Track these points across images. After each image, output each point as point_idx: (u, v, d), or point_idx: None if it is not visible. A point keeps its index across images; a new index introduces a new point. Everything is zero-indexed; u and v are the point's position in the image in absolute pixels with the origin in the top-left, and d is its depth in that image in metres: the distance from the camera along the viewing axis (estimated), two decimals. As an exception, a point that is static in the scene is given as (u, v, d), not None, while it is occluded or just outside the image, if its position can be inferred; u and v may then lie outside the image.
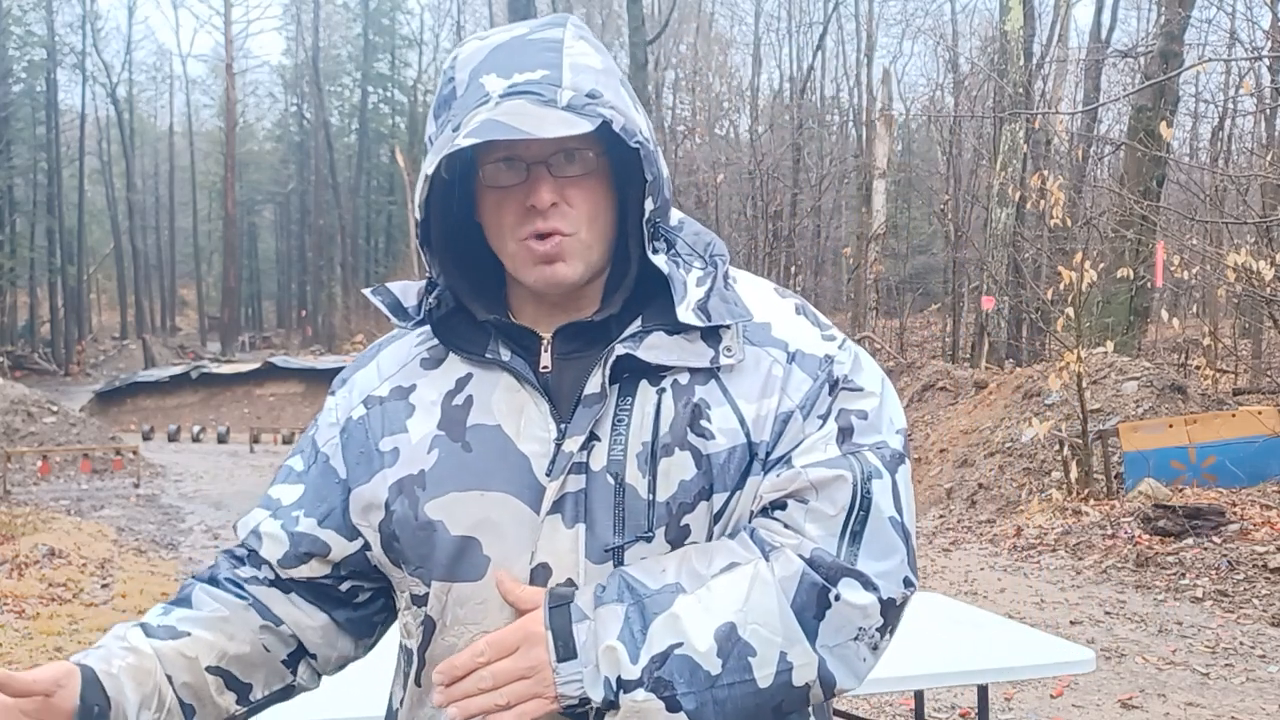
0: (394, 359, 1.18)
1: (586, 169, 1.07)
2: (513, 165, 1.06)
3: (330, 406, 1.20)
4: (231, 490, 13.83)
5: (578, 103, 1.03)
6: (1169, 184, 15.48)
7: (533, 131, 0.99)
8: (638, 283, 1.12)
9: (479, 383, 1.11)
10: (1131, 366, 11.58)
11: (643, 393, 1.06)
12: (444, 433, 1.10)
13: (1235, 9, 16.13)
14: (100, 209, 52.29)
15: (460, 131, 1.01)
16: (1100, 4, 23.76)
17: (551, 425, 1.07)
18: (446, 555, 1.07)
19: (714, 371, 1.07)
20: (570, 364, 1.10)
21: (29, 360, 37.51)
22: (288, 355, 33.00)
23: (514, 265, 1.09)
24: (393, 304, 1.16)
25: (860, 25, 33.75)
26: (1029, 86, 19.69)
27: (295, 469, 1.20)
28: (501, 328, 1.12)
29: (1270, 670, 5.26)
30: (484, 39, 1.10)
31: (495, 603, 1.05)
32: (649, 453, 1.05)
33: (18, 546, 7.98)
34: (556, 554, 1.04)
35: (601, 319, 1.10)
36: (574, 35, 1.09)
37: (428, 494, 1.08)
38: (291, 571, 1.15)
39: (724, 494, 1.05)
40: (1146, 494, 8.45)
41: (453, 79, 1.09)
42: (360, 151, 52.31)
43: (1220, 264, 9.83)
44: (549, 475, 1.05)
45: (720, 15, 40.42)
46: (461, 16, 50.22)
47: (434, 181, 1.05)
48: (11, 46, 42.50)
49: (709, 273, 1.10)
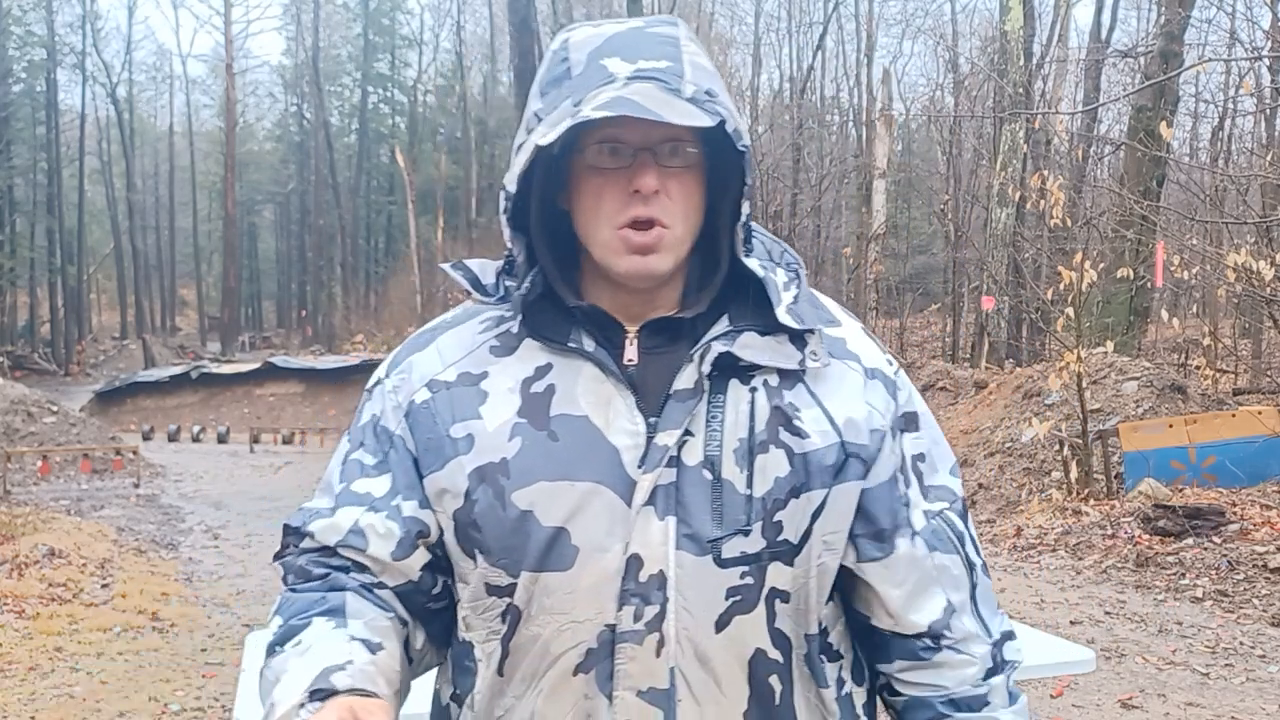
0: (456, 344, 1.17)
1: (688, 163, 1.08)
2: (618, 150, 1.07)
3: (388, 390, 1.17)
4: (231, 490, 13.82)
5: (700, 97, 1.04)
6: (1169, 184, 15.47)
7: (664, 115, 1.00)
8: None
9: (561, 372, 1.11)
10: (1131, 366, 11.58)
11: (734, 390, 1.09)
12: (526, 420, 1.09)
13: (1235, 9, 16.14)
14: (100, 209, 52.27)
15: (585, 106, 1.02)
16: (1100, 4, 23.76)
17: (638, 418, 1.07)
18: (538, 546, 1.06)
19: (800, 375, 1.11)
20: (654, 358, 1.11)
21: (29, 360, 37.50)
22: (288, 355, 33.00)
23: (604, 253, 1.09)
24: (472, 279, 1.17)
25: (860, 25, 33.75)
26: (1029, 86, 19.69)
27: (367, 462, 1.15)
28: (590, 316, 1.12)
29: (1270, 670, 5.26)
30: (596, 26, 1.11)
31: (584, 593, 1.05)
32: (746, 449, 1.07)
33: (18, 546, 7.98)
34: (649, 545, 1.05)
35: (692, 317, 1.12)
36: (687, 36, 1.11)
37: (513, 483, 1.07)
38: (403, 564, 1.12)
39: (822, 491, 1.08)
40: (1146, 494, 8.45)
41: (566, 59, 1.09)
42: (360, 151, 52.29)
43: (1220, 264, 9.83)
44: (641, 468, 1.05)
45: (720, 15, 40.42)
46: (461, 17, 50.25)
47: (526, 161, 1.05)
48: (11, 46, 42.48)
49: (794, 278, 1.13)
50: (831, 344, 1.14)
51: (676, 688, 1.06)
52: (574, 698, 1.07)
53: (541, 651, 1.07)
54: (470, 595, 1.11)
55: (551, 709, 1.07)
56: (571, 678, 1.07)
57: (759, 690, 1.09)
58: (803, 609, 1.10)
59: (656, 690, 1.06)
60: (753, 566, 1.06)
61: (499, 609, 1.09)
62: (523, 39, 13.63)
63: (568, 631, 1.06)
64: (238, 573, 8.14)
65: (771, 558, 1.07)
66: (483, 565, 1.09)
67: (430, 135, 51.06)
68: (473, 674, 1.13)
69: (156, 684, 5.24)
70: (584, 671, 1.06)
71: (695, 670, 1.06)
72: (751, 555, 1.06)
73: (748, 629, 1.07)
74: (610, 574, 1.05)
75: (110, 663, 5.60)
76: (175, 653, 5.82)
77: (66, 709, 4.87)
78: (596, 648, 1.06)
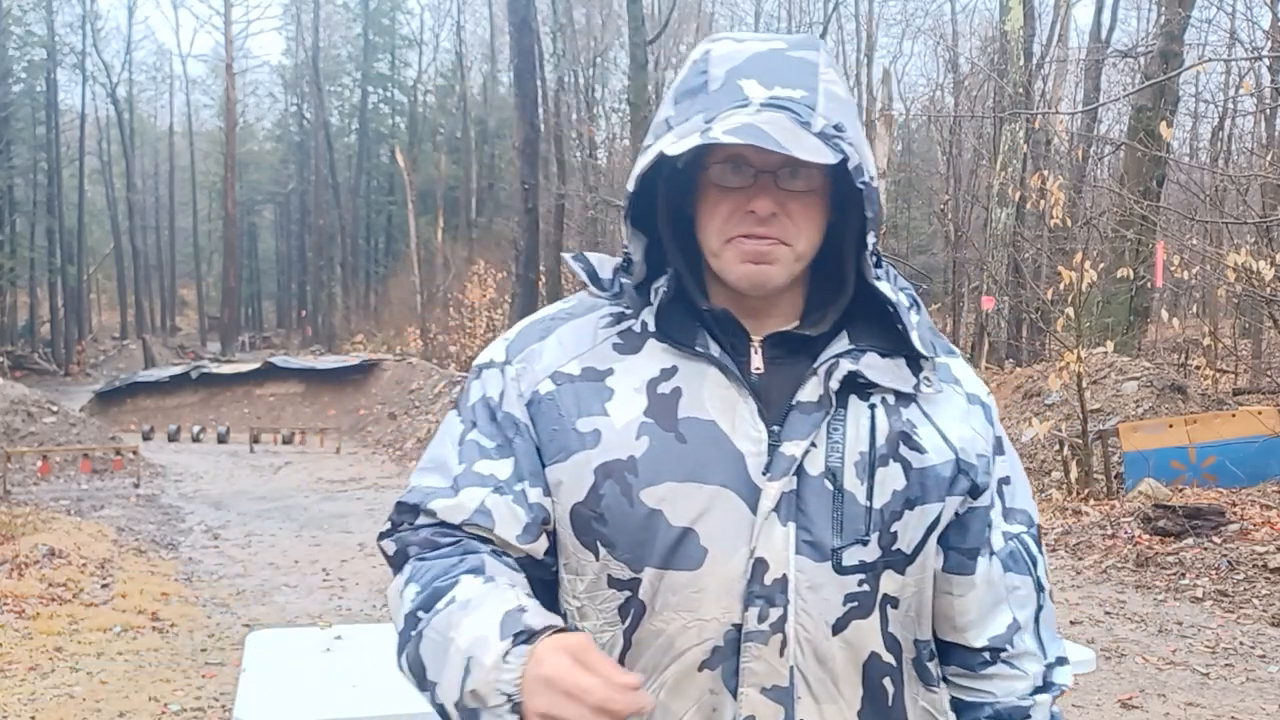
0: (578, 337, 1.19)
1: (810, 186, 1.11)
2: (740, 169, 1.10)
3: (510, 376, 1.18)
4: (231, 490, 13.82)
5: (828, 132, 1.08)
6: (1169, 184, 15.47)
7: (790, 148, 1.03)
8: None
9: (687, 374, 1.14)
10: (1131, 366, 11.59)
11: (854, 406, 1.14)
12: (652, 420, 1.12)
13: (1235, 9, 16.14)
14: (100, 209, 52.26)
15: (716, 126, 1.06)
16: (1100, 4, 23.75)
17: (761, 426, 1.11)
18: (666, 544, 1.09)
19: (913, 397, 1.16)
20: (777, 368, 1.15)
21: (29, 360, 37.49)
22: (288, 355, 32.94)
23: (720, 262, 1.13)
24: (590, 273, 1.21)
25: (860, 25, 33.76)
26: (1029, 86, 19.68)
27: (486, 444, 1.16)
28: (720, 320, 1.15)
29: (1270, 670, 5.26)
30: (740, 41, 1.14)
31: (712, 591, 1.09)
32: (867, 462, 1.12)
33: (18, 546, 7.98)
34: (773, 550, 1.09)
35: (816, 334, 1.16)
36: (826, 62, 1.14)
37: (641, 481, 1.10)
38: (528, 546, 1.14)
39: (938, 505, 1.15)
40: (1146, 494, 8.45)
41: (705, 72, 1.12)
42: (360, 151, 52.28)
43: (1220, 264, 9.83)
44: (765, 474, 1.09)
45: (720, 15, 40.41)
46: (461, 16, 50.24)
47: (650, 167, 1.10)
48: (11, 46, 42.46)
49: (913, 304, 1.19)
50: (940, 370, 1.20)
51: (796, 686, 1.10)
52: (698, 692, 1.10)
53: (665, 646, 1.10)
54: (588, 586, 1.14)
55: (675, 701, 1.10)
56: (696, 673, 1.10)
57: (873, 691, 1.13)
58: (913, 615, 1.17)
59: (779, 688, 1.10)
60: (869, 574, 1.11)
61: (619, 601, 1.12)
62: (523, 39, 13.63)
63: (694, 629, 1.09)
64: (238, 573, 8.14)
65: (885, 566, 1.12)
66: (605, 558, 1.12)
67: (430, 135, 51.04)
68: None
69: (156, 684, 5.24)
70: (709, 668, 1.10)
71: (814, 670, 1.10)
72: (869, 564, 1.11)
73: (864, 633, 1.12)
74: (736, 576, 1.09)
75: (110, 663, 5.60)
76: (175, 653, 5.82)
77: (66, 709, 4.87)
78: (723, 646, 1.09)
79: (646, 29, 19.35)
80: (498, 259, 26.90)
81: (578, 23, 34.26)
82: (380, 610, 6.97)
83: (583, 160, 31.30)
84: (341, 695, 2.59)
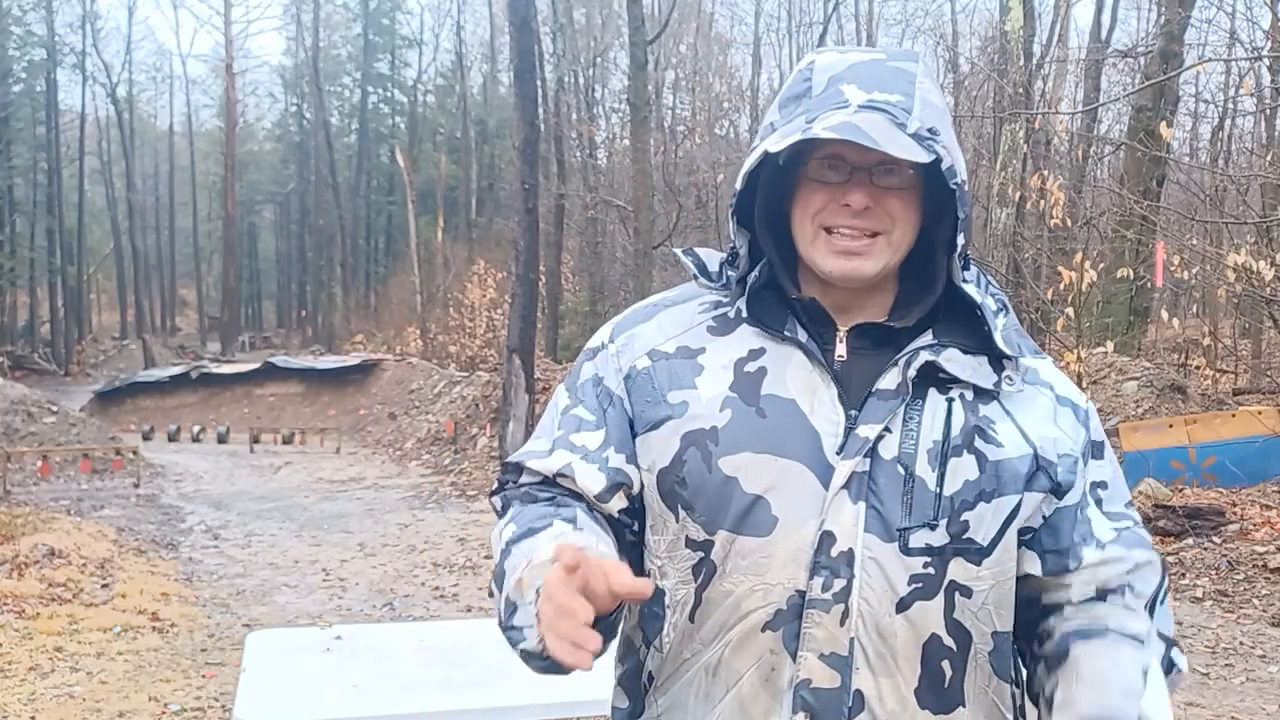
0: (676, 320, 1.28)
1: (903, 184, 1.18)
2: (838, 166, 1.18)
3: (611, 354, 1.29)
4: (231, 490, 13.82)
5: (922, 134, 1.14)
6: (1169, 184, 15.46)
7: (885, 146, 1.10)
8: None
9: (773, 356, 1.21)
10: (1131, 366, 11.59)
11: (932, 398, 1.19)
12: (736, 395, 1.19)
13: (1235, 9, 16.12)
14: (100, 209, 52.25)
15: (817, 124, 1.13)
16: (1100, 4, 23.74)
17: (840, 409, 1.17)
18: (738, 510, 1.16)
19: (995, 394, 1.20)
20: (860, 358, 1.21)
21: (29, 360, 37.48)
22: (288, 355, 32.94)
23: (813, 253, 1.20)
24: (700, 266, 1.29)
25: (860, 25, 33.75)
26: (1029, 86, 19.66)
27: (585, 417, 1.27)
28: (808, 308, 1.23)
29: (1270, 670, 5.26)
30: (843, 53, 1.23)
31: (779, 558, 1.15)
32: (939, 451, 1.16)
33: (18, 546, 7.97)
34: (841, 525, 1.14)
35: (900, 327, 1.22)
36: (923, 73, 1.21)
37: (721, 449, 1.17)
38: (605, 505, 1.23)
39: (1014, 497, 1.17)
40: (1147, 494, 8.45)
41: (809, 79, 1.21)
42: (360, 151, 52.27)
43: (1220, 264, 9.82)
44: (839, 454, 1.15)
45: (720, 15, 40.42)
46: (461, 16, 50.22)
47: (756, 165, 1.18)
48: (11, 46, 42.47)
49: (1002, 308, 1.23)
50: (1026, 372, 1.24)
51: (854, 656, 1.14)
52: (760, 651, 1.16)
53: (733, 606, 1.16)
54: (668, 546, 1.22)
55: (738, 659, 1.17)
56: (760, 634, 1.15)
57: (930, 670, 1.16)
58: (990, 608, 1.18)
59: (838, 655, 1.14)
60: (935, 559, 1.15)
61: (693, 560, 1.19)
62: (523, 39, 13.61)
63: (759, 591, 1.15)
64: (238, 573, 8.14)
65: (955, 553, 1.16)
66: (684, 520, 1.19)
67: (430, 135, 51.02)
68: (661, 619, 1.22)
69: (156, 684, 5.24)
70: (772, 629, 1.15)
71: (874, 643, 1.14)
72: (936, 548, 1.15)
73: (927, 614, 1.15)
74: (805, 545, 1.14)
75: (110, 663, 5.60)
76: (175, 653, 5.82)
77: (66, 709, 4.87)
78: (785, 609, 1.15)
79: (646, 29, 19.31)
80: (498, 259, 26.87)
81: (578, 23, 34.24)
82: (380, 610, 6.97)
83: (583, 160, 31.28)
84: (341, 695, 2.59)
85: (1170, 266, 10.37)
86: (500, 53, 45.84)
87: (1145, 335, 15.64)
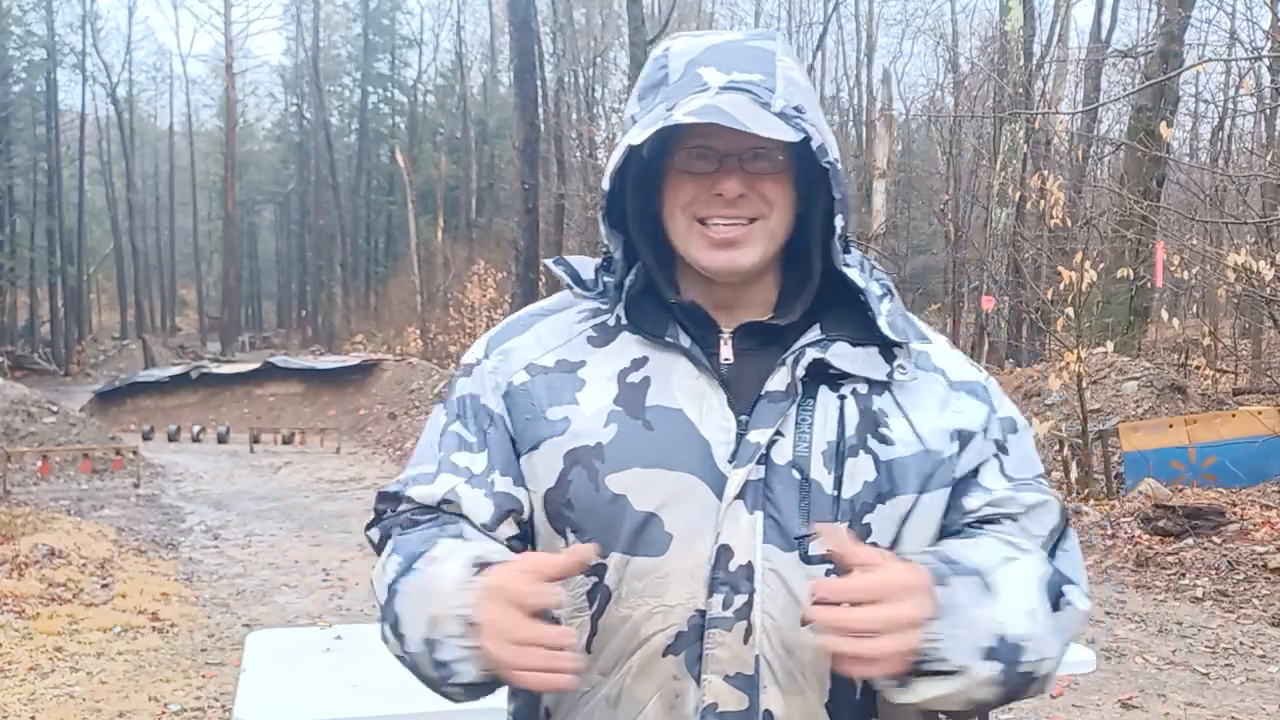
0: (554, 331, 1.21)
1: (775, 169, 1.12)
2: (706, 155, 1.12)
3: (487, 370, 1.21)
4: (232, 490, 13.82)
5: (788, 112, 1.09)
6: (1169, 184, 15.46)
7: (750, 126, 1.05)
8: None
9: (656, 364, 1.15)
10: (1131, 366, 11.59)
11: (824, 396, 1.13)
12: (621, 408, 1.13)
13: (1235, 9, 16.12)
14: (100, 209, 52.25)
15: (677, 110, 1.07)
16: (1100, 4, 23.75)
17: (730, 415, 1.11)
18: (630, 529, 1.10)
19: (887, 385, 1.15)
20: (748, 359, 1.15)
21: (29, 360, 37.49)
22: (288, 355, 32.92)
23: (689, 248, 1.14)
24: (573, 275, 1.23)
25: (860, 25, 33.78)
26: (1029, 86, 19.67)
27: (466, 436, 1.19)
28: (687, 313, 1.17)
29: (1270, 670, 5.26)
30: (698, 37, 1.17)
31: (677, 577, 1.08)
32: (834, 452, 1.10)
33: (18, 546, 7.97)
34: (738, 537, 1.08)
35: (786, 324, 1.16)
36: (783, 50, 1.16)
37: (607, 466, 1.11)
38: (494, 532, 1.15)
39: (910, 497, 1.12)
40: (1146, 494, 8.45)
41: (665, 66, 1.15)
42: (360, 151, 52.28)
43: (1220, 264, 9.82)
44: (732, 462, 1.09)
45: (720, 15, 40.39)
46: (461, 16, 50.24)
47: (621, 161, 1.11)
48: (11, 46, 42.48)
49: (886, 292, 1.17)
50: (918, 358, 1.18)
51: (761, 675, 1.08)
52: (662, 678, 1.10)
53: (631, 631, 1.10)
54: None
55: (639, 687, 1.10)
56: (661, 659, 1.09)
57: (840, 684, 1.10)
58: None
59: (744, 675, 1.08)
60: (838, 566, 1.07)
61: (586, 587, 1.12)
62: (523, 39, 13.63)
63: (659, 614, 1.09)
64: (238, 573, 8.14)
65: None
66: (574, 543, 1.12)
67: (430, 135, 51.04)
68: None
69: (156, 684, 5.24)
70: (673, 653, 1.09)
71: (781, 659, 1.08)
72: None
73: None
74: (701, 561, 1.08)
75: (110, 663, 5.60)
76: (175, 653, 5.82)
77: (66, 709, 4.87)
78: (686, 631, 1.08)
79: (646, 29, 19.32)
80: (498, 259, 26.88)
81: (578, 23, 34.25)
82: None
83: (583, 160, 31.28)
84: (341, 695, 2.59)
85: (1170, 266, 10.38)
86: (500, 53, 45.87)
87: (1145, 335, 15.64)
